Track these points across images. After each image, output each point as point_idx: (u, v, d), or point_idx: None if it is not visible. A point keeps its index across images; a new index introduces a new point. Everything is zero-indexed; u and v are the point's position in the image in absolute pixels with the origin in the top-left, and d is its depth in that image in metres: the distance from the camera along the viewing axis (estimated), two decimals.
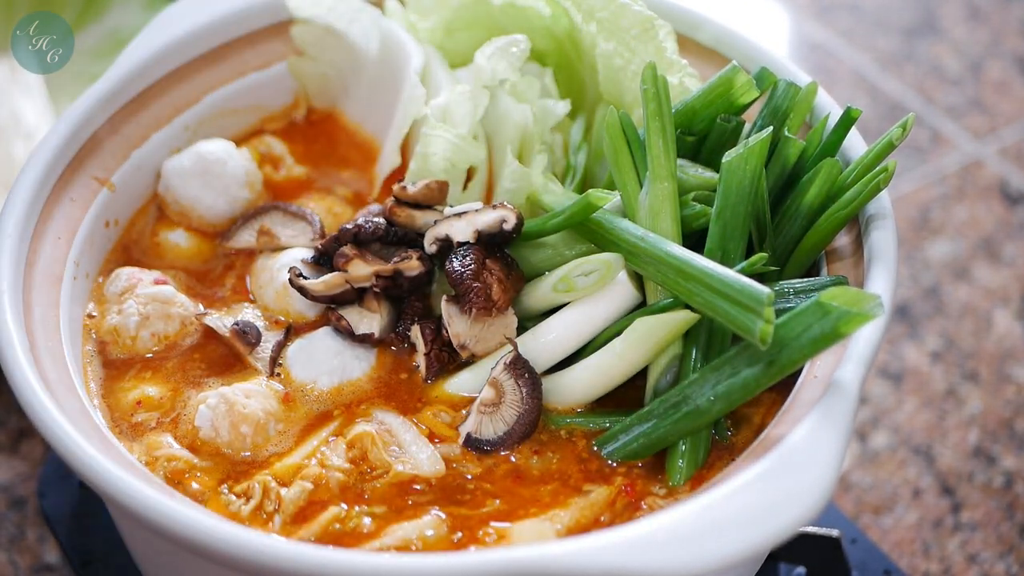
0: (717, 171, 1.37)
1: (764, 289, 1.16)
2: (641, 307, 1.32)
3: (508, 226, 1.32)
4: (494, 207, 1.34)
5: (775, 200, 1.36)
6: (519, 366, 1.28)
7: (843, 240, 1.35)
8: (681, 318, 1.24)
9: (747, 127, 1.40)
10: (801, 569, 1.52)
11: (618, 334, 1.29)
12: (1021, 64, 2.38)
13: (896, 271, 1.27)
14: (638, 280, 1.32)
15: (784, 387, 1.28)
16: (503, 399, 1.27)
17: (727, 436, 1.27)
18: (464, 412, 1.30)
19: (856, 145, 1.38)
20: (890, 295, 1.24)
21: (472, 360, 1.33)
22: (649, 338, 1.26)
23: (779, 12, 2.53)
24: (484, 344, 1.32)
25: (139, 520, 1.11)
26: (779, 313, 1.23)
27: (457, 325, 1.31)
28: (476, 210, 1.34)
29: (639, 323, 1.26)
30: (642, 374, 1.30)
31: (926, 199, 2.12)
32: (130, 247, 1.49)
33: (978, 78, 2.35)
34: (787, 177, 1.37)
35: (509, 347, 1.30)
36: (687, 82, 1.43)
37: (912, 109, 2.28)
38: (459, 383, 1.32)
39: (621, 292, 1.31)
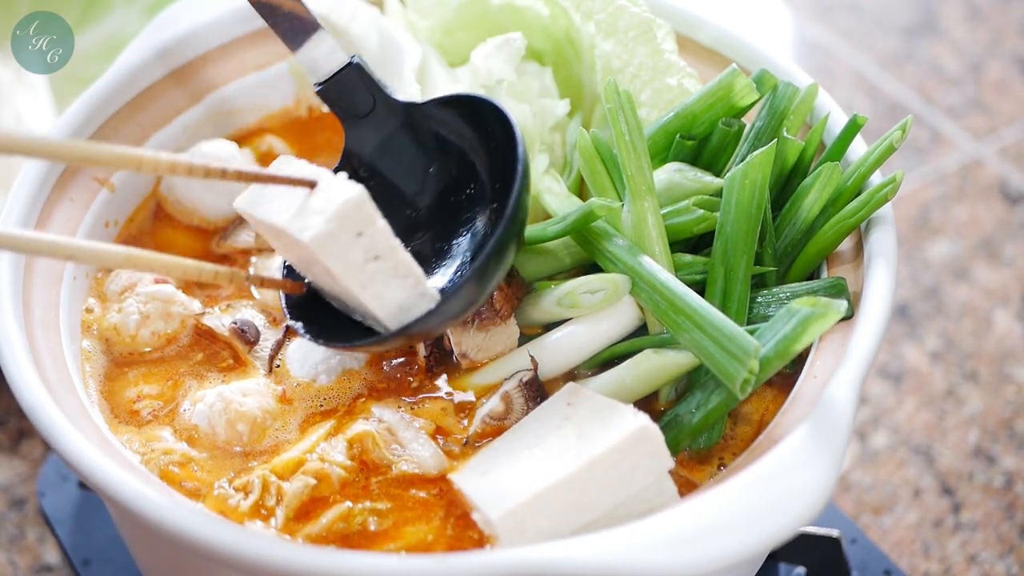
0: (717, 175, 1.38)
1: (753, 341, 1.17)
2: (643, 329, 1.32)
3: None
4: None
5: (775, 200, 1.36)
6: (534, 388, 1.28)
7: (844, 243, 1.35)
8: (685, 360, 1.26)
9: (747, 128, 1.40)
10: (801, 569, 1.52)
11: (617, 355, 1.30)
12: (1021, 64, 2.38)
13: (896, 272, 1.27)
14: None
15: (784, 387, 1.28)
16: (510, 415, 1.27)
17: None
18: (477, 401, 1.31)
19: (856, 147, 1.38)
20: (890, 295, 1.24)
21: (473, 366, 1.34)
22: (653, 374, 1.27)
23: (779, 12, 2.53)
24: (486, 353, 1.32)
25: (139, 520, 1.12)
26: None
27: (459, 333, 1.31)
28: None
29: (645, 358, 1.27)
30: None
31: (926, 199, 2.12)
32: (130, 245, 1.49)
33: (978, 78, 2.35)
34: (786, 177, 1.37)
35: (523, 358, 1.31)
36: (686, 83, 1.43)
37: (912, 109, 2.28)
38: (481, 378, 1.33)
39: (625, 313, 1.31)
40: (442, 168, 1.38)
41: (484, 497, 1.16)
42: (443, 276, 1.31)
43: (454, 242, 1.34)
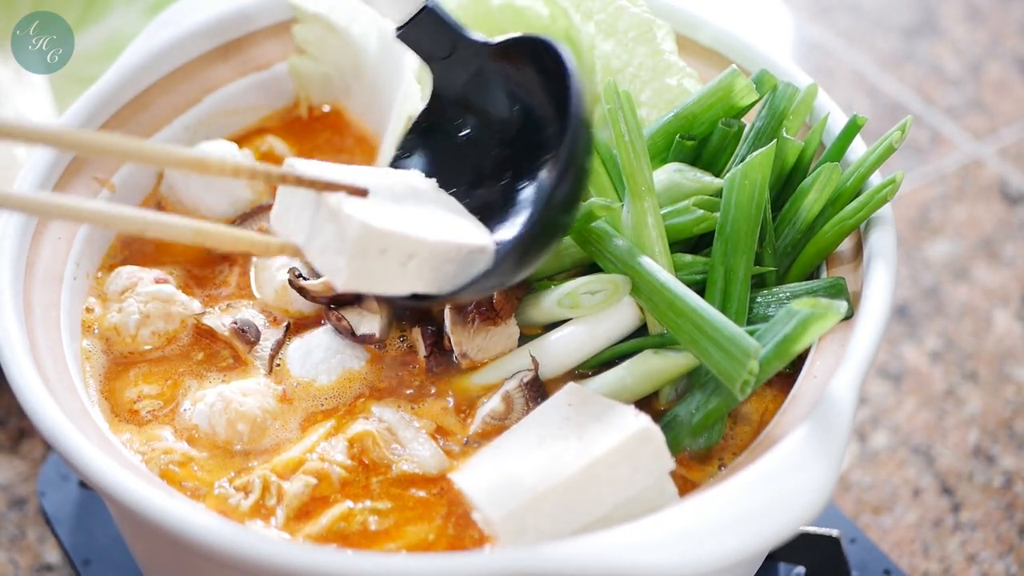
0: (717, 175, 1.38)
1: (753, 342, 1.17)
2: (643, 329, 1.32)
3: None
4: None
5: (774, 200, 1.36)
6: (535, 388, 1.28)
7: (844, 243, 1.35)
8: (685, 361, 1.26)
9: (747, 128, 1.40)
10: (801, 569, 1.52)
11: (617, 355, 1.30)
12: (1021, 64, 2.38)
13: (896, 272, 1.27)
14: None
15: (783, 387, 1.28)
16: (511, 415, 1.27)
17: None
18: (478, 402, 1.30)
19: (856, 147, 1.38)
20: (890, 295, 1.24)
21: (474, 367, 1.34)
22: (653, 375, 1.27)
23: (779, 12, 2.53)
24: (486, 353, 1.33)
25: (140, 520, 1.12)
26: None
27: (459, 333, 1.31)
28: None
29: (645, 359, 1.27)
30: None
31: (926, 199, 2.12)
32: (130, 245, 1.49)
33: (978, 78, 2.35)
34: (786, 177, 1.37)
35: (523, 359, 1.31)
36: (686, 83, 1.43)
37: (912, 109, 2.28)
38: (481, 378, 1.33)
39: (625, 313, 1.31)
40: (525, 108, 1.37)
41: (485, 497, 1.16)
42: (511, 227, 1.30)
43: (524, 189, 1.33)
